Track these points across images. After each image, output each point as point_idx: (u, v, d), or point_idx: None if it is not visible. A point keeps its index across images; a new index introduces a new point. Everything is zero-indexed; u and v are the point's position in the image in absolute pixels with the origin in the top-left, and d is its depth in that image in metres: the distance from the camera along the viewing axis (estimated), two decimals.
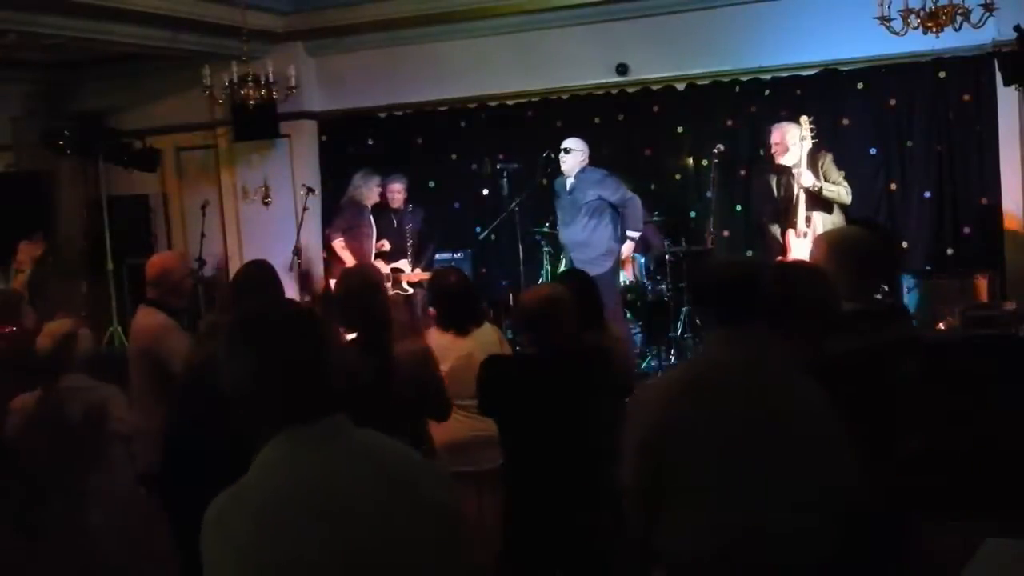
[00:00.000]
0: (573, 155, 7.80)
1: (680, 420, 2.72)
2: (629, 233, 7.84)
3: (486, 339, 4.47)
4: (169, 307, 4.58)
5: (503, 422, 3.87)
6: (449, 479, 2.05)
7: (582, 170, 7.83)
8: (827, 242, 3.55)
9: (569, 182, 7.86)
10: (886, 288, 7.21)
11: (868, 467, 3.02)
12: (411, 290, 8.27)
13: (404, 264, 8.38)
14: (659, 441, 2.73)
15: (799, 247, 7.24)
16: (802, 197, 7.15)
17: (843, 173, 7.26)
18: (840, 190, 7.14)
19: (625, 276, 8.30)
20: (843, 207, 7.21)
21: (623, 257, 7.91)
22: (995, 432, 5.37)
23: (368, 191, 8.39)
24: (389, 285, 8.14)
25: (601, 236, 7.71)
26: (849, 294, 3.35)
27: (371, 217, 8.44)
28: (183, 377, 3.93)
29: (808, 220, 7.20)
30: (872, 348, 3.24)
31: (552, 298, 3.79)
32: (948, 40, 7.07)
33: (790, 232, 7.37)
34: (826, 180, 7.17)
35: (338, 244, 8.41)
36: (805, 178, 7.13)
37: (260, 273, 4.35)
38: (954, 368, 5.57)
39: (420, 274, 8.24)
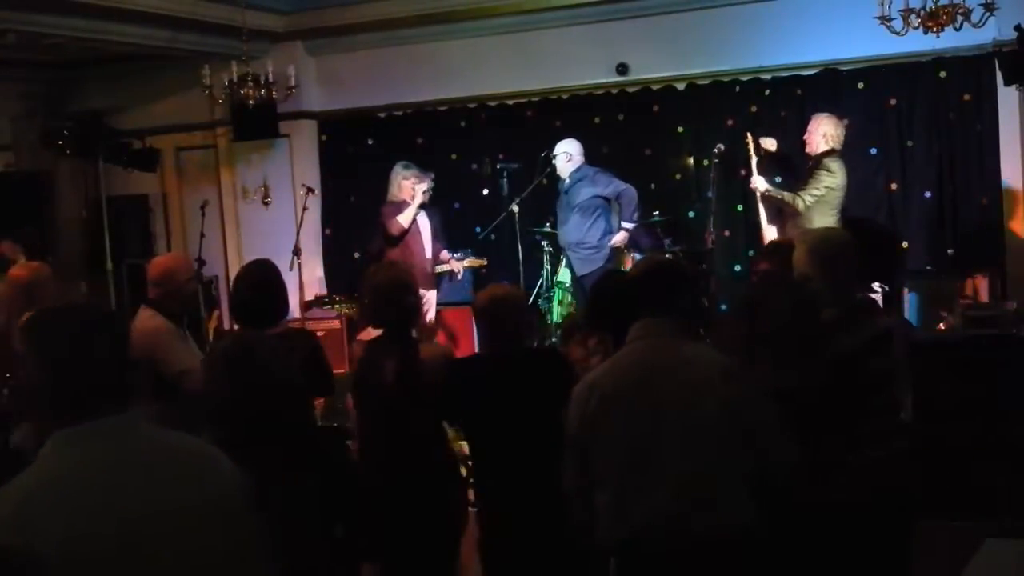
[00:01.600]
0: (559, 159, 8.00)
1: (597, 414, 2.89)
2: (623, 224, 7.90)
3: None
4: (169, 310, 4.54)
5: (463, 425, 3.89)
6: (236, 473, 2.06)
7: (576, 170, 7.94)
8: (806, 246, 3.53)
9: (565, 183, 7.99)
10: (886, 288, 7.24)
11: (838, 465, 3.08)
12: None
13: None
14: (583, 436, 2.92)
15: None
16: (759, 203, 7.38)
17: (829, 182, 7.12)
18: (787, 195, 7.17)
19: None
20: (839, 210, 7.17)
21: (616, 245, 7.91)
22: (995, 432, 5.36)
23: (397, 188, 8.02)
24: None
25: (593, 234, 7.85)
26: (830, 299, 3.36)
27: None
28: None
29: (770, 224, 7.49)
30: (838, 355, 3.25)
31: (499, 298, 3.79)
32: (948, 40, 7.07)
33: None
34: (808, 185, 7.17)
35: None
36: (758, 183, 7.38)
37: (261, 272, 4.33)
38: (954, 368, 5.57)
39: None
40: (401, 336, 3.87)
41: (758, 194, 7.45)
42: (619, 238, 7.92)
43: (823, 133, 7.23)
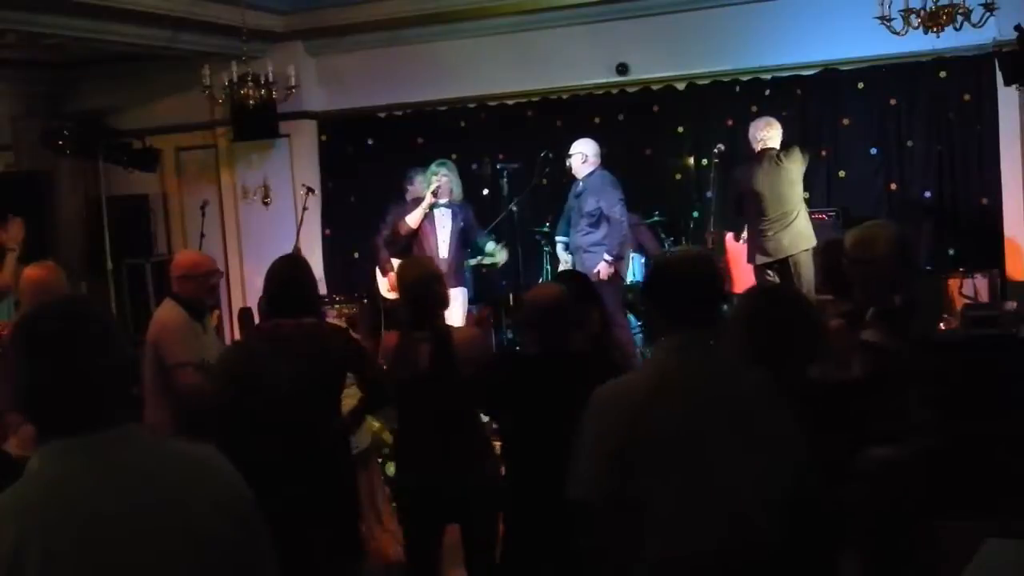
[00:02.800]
0: (574, 159, 7.76)
1: (649, 427, 2.67)
2: (605, 256, 7.50)
3: None
4: (190, 304, 4.63)
5: (503, 422, 3.91)
6: (238, 480, 1.95)
7: (590, 174, 7.71)
8: (889, 232, 3.56)
9: (579, 185, 7.78)
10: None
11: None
12: None
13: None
14: (628, 450, 2.68)
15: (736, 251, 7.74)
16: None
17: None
18: None
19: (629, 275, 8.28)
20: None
21: (601, 278, 7.36)
22: (995, 432, 5.36)
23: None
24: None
25: (600, 242, 7.63)
26: (905, 284, 3.47)
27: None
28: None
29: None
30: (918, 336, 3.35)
31: (556, 298, 3.86)
32: (948, 40, 7.07)
33: (730, 235, 7.64)
34: None
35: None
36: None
37: (285, 269, 4.32)
38: (954, 368, 5.56)
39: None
40: (433, 323, 4.10)
41: None
42: (602, 269, 7.46)
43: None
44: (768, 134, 7.29)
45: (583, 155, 7.74)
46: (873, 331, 3.40)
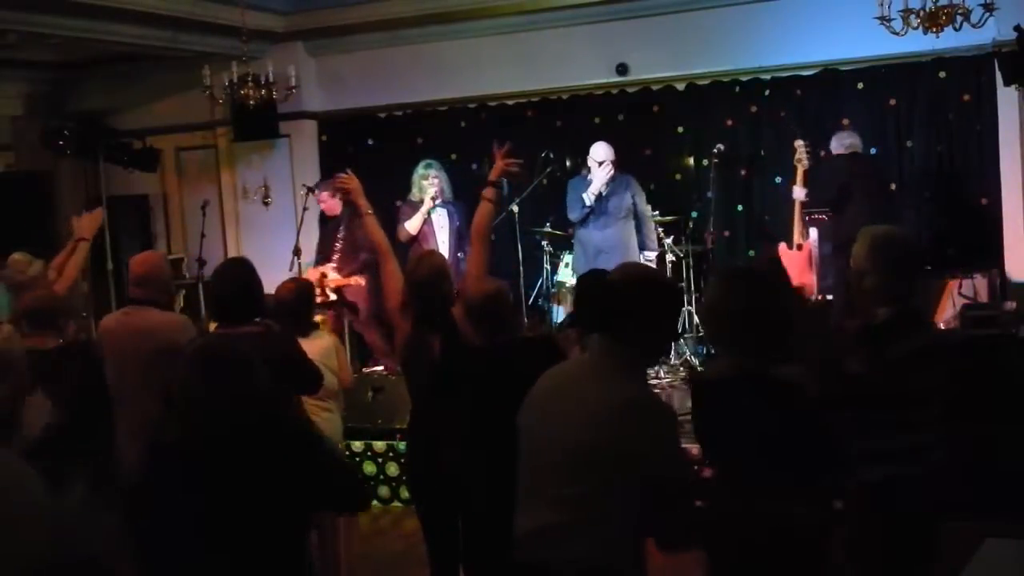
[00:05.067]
0: (604, 168, 7.76)
1: (522, 416, 2.86)
2: (646, 252, 7.81)
3: (322, 344, 4.87)
4: (165, 306, 4.59)
5: (468, 411, 3.97)
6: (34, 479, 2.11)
7: (613, 178, 7.80)
8: (868, 240, 3.37)
9: (603, 187, 7.78)
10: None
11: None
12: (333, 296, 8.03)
13: (329, 268, 8.18)
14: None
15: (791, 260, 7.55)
16: (796, 210, 7.19)
17: None
18: None
19: None
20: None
21: None
22: (995, 432, 5.36)
23: (418, 189, 7.97)
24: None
25: (634, 239, 7.80)
26: (884, 298, 3.31)
27: (340, 227, 8.26)
28: None
29: (803, 233, 7.35)
30: (888, 361, 3.22)
31: (496, 293, 4.01)
32: (948, 40, 7.07)
33: (782, 244, 7.60)
34: None
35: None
36: (796, 192, 7.18)
37: (237, 270, 4.31)
38: (954, 368, 5.57)
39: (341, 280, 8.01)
40: (443, 317, 4.15)
41: (797, 204, 7.23)
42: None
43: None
44: (854, 140, 7.47)
45: (610, 163, 7.79)
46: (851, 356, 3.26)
